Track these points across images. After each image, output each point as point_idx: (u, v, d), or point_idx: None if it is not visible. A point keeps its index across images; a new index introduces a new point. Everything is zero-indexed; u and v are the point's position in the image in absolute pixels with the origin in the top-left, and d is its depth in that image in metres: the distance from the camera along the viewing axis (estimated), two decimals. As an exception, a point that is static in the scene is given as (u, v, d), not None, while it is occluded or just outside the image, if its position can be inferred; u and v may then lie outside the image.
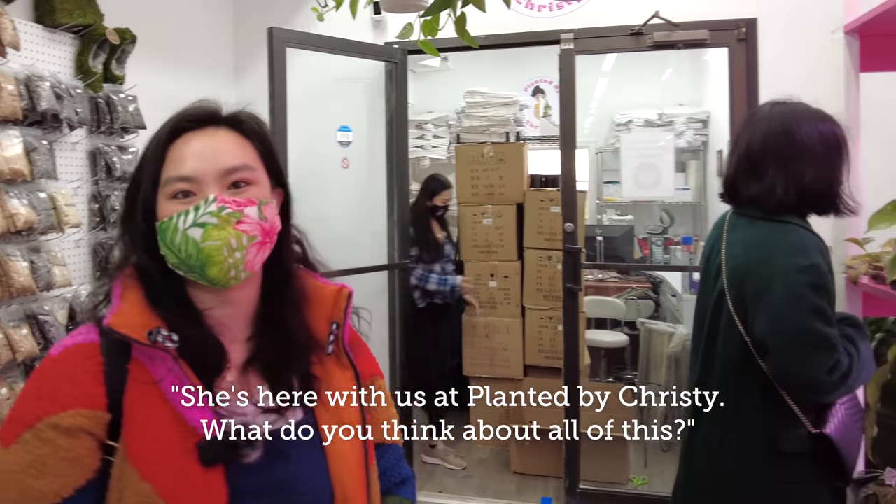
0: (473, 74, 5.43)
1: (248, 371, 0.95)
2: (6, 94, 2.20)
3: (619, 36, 3.44)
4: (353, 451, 0.98)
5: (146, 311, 0.90)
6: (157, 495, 0.82)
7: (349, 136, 3.60)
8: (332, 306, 1.03)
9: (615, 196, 6.19)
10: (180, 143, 0.93)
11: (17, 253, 2.28)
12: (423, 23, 2.10)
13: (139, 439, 0.85)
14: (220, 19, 3.76)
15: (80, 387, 0.85)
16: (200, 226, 0.87)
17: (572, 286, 3.51)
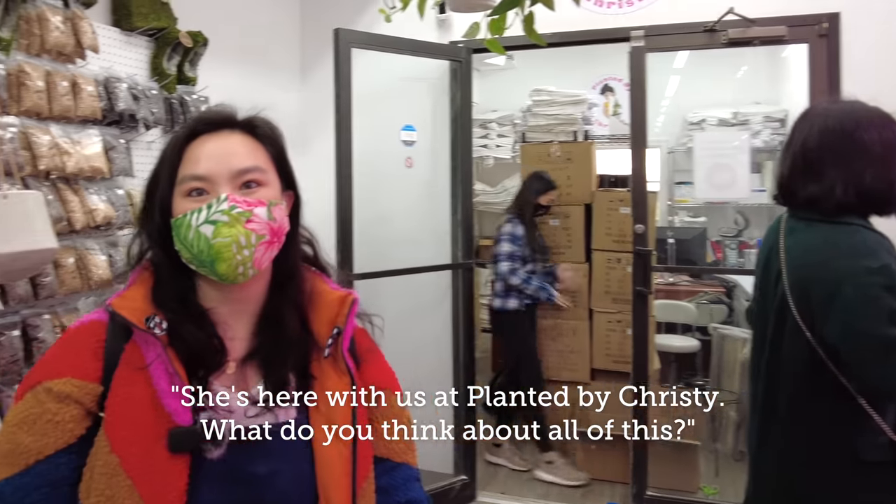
0: (539, 72, 5.35)
1: (246, 366, 0.99)
2: (86, 95, 2.28)
3: (692, 33, 3.33)
4: (340, 456, 0.97)
5: (149, 300, 0.97)
6: (122, 469, 0.87)
7: (413, 136, 3.60)
8: (335, 311, 1.04)
9: (687, 197, 6.02)
10: (196, 144, 0.98)
11: (95, 247, 2.35)
12: (490, 22, 2.07)
13: (116, 414, 0.90)
14: (287, 21, 3.82)
15: (78, 359, 0.93)
16: (212, 223, 0.92)
17: (642, 289, 3.41)
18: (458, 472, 3.69)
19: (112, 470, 0.88)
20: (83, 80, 2.28)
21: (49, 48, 2.17)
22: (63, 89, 2.20)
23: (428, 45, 3.53)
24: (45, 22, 2.14)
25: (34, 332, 2.13)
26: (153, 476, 0.88)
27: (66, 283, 2.22)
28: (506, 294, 4.02)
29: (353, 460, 0.98)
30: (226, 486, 0.91)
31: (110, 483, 0.87)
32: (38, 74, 2.12)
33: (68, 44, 2.22)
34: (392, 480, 1.06)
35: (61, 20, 2.19)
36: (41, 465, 0.89)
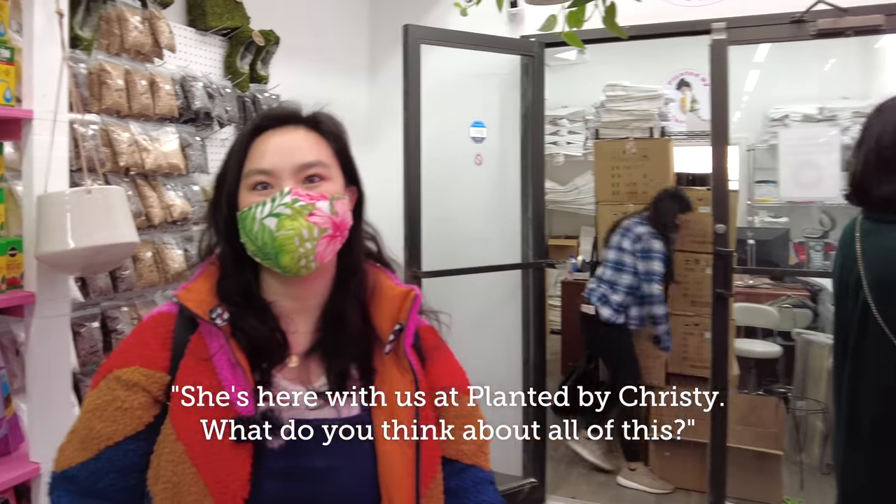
0: (612, 67, 5.22)
1: (308, 360, 0.99)
2: (164, 94, 2.32)
3: (778, 24, 3.15)
4: (403, 455, 0.96)
5: (212, 293, 0.99)
6: (187, 457, 0.89)
7: (483, 132, 3.54)
8: (398, 307, 1.03)
9: (768, 196, 5.77)
10: (261, 139, 1.00)
11: (172, 241, 2.41)
12: (569, 14, 2.00)
13: (183, 403, 0.92)
14: (356, 18, 3.84)
15: (147, 348, 0.97)
16: (275, 216, 0.94)
17: (722, 291, 3.26)
18: (528, 474, 3.62)
19: (178, 458, 0.90)
20: (161, 79, 2.33)
21: (128, 47, 2.22)
22: (142, 88, 2.25)
23: (499, 40, 3.47)
24: (125, 22, 2.19)
25: (113, 323, 2.19)
26: (217, 465, 0.89)
27: (143, 276, 2.28)
28: (620, 309, 3.83)
29: (417, 460, 0.96)
30: (286, 478, 0.92)
31: (176, 470, 0.89)
32: (117, 73, 2.17)
33: (146, 43, 2.26)
34: (461, 483, 1.04)
35: (140, 20, 2.24)
36: (111, 450, 0.92)
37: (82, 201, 1.69)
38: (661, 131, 4.53)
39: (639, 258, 3.74)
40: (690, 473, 3.71)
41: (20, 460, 1.75)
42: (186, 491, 0.89)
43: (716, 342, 3.30)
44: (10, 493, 1.72)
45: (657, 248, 3.71)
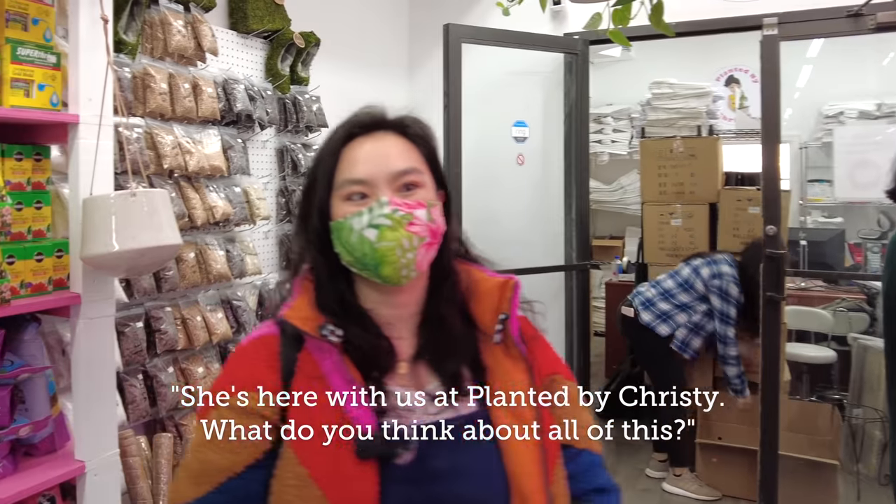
0: (658, 64, 5.11)
1: (417, 365, 0.98)
2: (206, 97, 2.35)
3: (833, 18, 3.04)
4: (528, 446, 0.95)
5: (315, 307, 0.96)
6: (312, 480, 0.87)
7: (525, 132, 3.50)
8: (497, 298, 1.02)
9: (822, 196, 5.59)
10: (352, 147, 0.98)
11: (214, 242, 2.43)
12: (614, 12, 1.96)
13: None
14: (396, 19, 3.84)
15: (255, 372, 0.93)
16: (375, 227, 0.92)
17: (774, 294, 3.15)
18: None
19: (302, 482, 0.87)
20: (203, 82, 2.36)
21: (171, 51, 2.25)
22: (185, 91, 2.28)
23: (542, 38, 3.43)
24: (168, 26, 2.22)
25: (157, 323, 2.22)
26: (344, 485, 0.87)
27: (186, 276, 2.30)
28: (663, 317, 3.66)
29: (542, 449, 0.96)
30: (415, 486, 0.89)
31: (302, 495, 0.87)
32: (161, 77, 2.20)
33: (189, 47, 2.29)
34: (576, 467, 1.05)
35: (182, 24, 2.27)
36: (233, 482, 0.90)
37: (127, 204, 1.71)
38: (710, 129, 4.40)
39: (713, 293, 3.58)
40: (739, 480, 3.60)
41: (66, 458, 1.78)
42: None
43: (767, 347, 3.20)
44: (56, 490, 1.76)
45: (734, 294, 3.55)
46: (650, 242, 4.15)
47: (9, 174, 1.69)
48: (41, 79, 1.70)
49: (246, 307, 2.54)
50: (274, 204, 2.81)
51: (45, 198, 1.77)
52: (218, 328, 2.41)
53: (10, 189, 1.68)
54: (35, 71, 1.69)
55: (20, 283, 1.66)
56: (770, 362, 3.20)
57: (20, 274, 1.66)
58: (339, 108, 1.07)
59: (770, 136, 3.17)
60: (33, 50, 1.69)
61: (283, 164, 2.81)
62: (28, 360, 1.71)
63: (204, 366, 2.39)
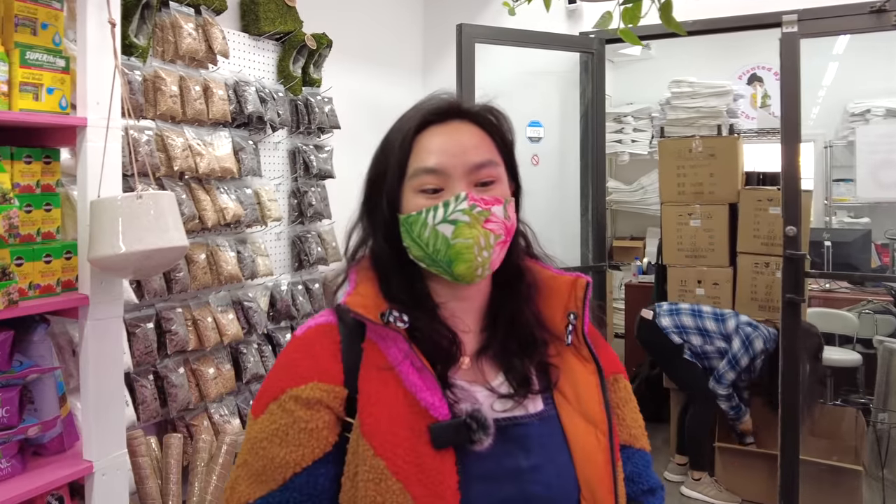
0: (679, 62, 5.05)
1: (481, 360, 0.95)
2: (217, 99, 2.36)
3: (854, 15, 2.97)
4: (598, 446, 0.92)
5: (380, 296, 0.93)
6: (389, 472, 0.83)
7: (539, 132, 3.47)
8: (567, 297, 0.99)
9: (847, 196, 5.48)
10: (426, 136, 0.94)
11: (225, 244, 2.44)
12: (624, 10, 1.93)
13: (373, 416, 0.86)
14: (409, 20, 3.83)
15: (318, 362, 0.89)
16: (451, 223, 0.89)
17: (793, 296, 3.09)
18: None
19: (379, 475, 0.83)
20: (214, 85, 2.37)
21: (182, 54, 2.26)
22: (196, 93, 2.29)
23: (556, 37, 3.40)
24: (179, 29, 2.23)
25: (167, 324, 2.23)
26: (423, 476, 0.83)
27: (197, 278, 2.32)
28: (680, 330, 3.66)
29: (612, 450, 0.93)
30: (493, 481, 0.86)
31: (379, 489, 0.83)
32: (172, 80, 2.22)
33: (200, 50, 2.30)
34: (635, 468, 1.03)
35: (193, 27, 2.28)
36: (299, 477, 0.85)
37: (133, 206, 1.72)
38: (730, 128, 4.33)
39: (738, 337, 3.51)
40: (759, 485, 3.54)
41: (75, 458, 1.80)
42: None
43: (786, 349, 3.14)
44: (65, 489, 1.77)
45: (757, 348, 3.48)
46: (669, 243, 4.09)
47: (18, 177, 1.71)
48: (50, 82, 1.72)
49: (257, 308, 2.55)
50: (286, 205, 2.82)
51: (54, 200, 1.79)
52: (229, 329, 2.42)
53: (20, 191, 1.70)
54: (44, 75, 1.71)
55: (29, 285, 1.68)
56: (789, 365, 3.14)
57: (29, 275, 1.68)
58: (352, 109, 1.06)
59: (790, 134, 3.11)
60: (42, 54, 1.71)
61: (296, 166, 2.82)
62: (37, 361, 1.73)
63: (215, 367, 2.40)
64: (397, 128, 0.96)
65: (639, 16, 1.96)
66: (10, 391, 1.65)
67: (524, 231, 1.04)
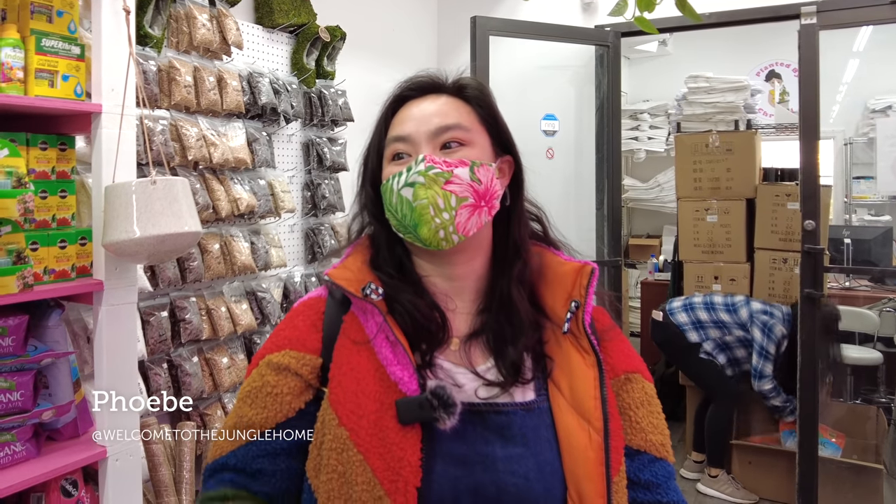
0: (696, 59, 5.01)
1: (471, 343, 0.92)
2: (231, 90, 2.36)
3: (875, 6, 2.93)
4: (590, 444, 0.86)
5: (366, 270, 0.93)
6: (352, 443, 0.82)
7: (554, 125, 3.45)
8: (571, 284, 0.95)
9: (867, 193, 5.41)
10: (402, 109, 0.96)
11: (239, 234, 2.45)
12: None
13: (342, 386, 0.86)
14: (423, 12, 3.82)
15: (297, 332, 0.92)
16: (410, 185, 0.89)
17: (812, 292, 3.05)
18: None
19: (342, 444, 0.83)
20: (228, 76, 2.38)
21: (196, 45, 2.27)
22: (210, 84, 2.30)
23: (572, 30, 3.38)
24: (193, 20, 2.25)
25: (181, 313, 2.24)
26: (385, 449, 0.82)
27: (211, 267, 2.32)
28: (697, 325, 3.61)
29: (607, 450, 0.87)
30: (462, 465, 0.84)
31: (341, 458, 0.83)
32: (186, 70, 2.23)
33: (214, 41, 2.31)
34: (654, 477, 0.95)
35: (208, 18, 2.29)
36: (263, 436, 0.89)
37: (147, 191, 1.72)
38: (748, 124, 4.28)
39: (756, 326, 3.46)
40: (776, 483, 3.50)
41: (88, 443, 1.80)
42: (353, 480, 0.81)
43: (805, 346, 3.10)
44: (79, 474, 1.78)
45: (778, 333, 3.43)
46: (685, 240, 4.06)
47: (33, 163, 1.72)
48: (65, 69, 1.73)
49: (271, 299, 2.56)
50: (299, 197, 2.83)
51: (69, 187, 1.80)
52: (242, 319, 2.42)
53: (35, 177, 1.71)
54: (59, 62, 1.72)
55: (43, 270, 1.70)
56: (808, 362, 3.10)
57: (43, 260, 1.70)
58: (366, 102, 1.06)
59: (809, 128, 3.07)
60: (57, 41, 1.72)
61: (309, 158, 2.82)
62: (52, 346, 1.74)
63: (228, 356, 2.41)
64: (383, 105, 0.99)
65: (654, 2, 1.94)
66: (24, 375, 1.66)
67: (538, 214, 1.02)
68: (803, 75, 3.07)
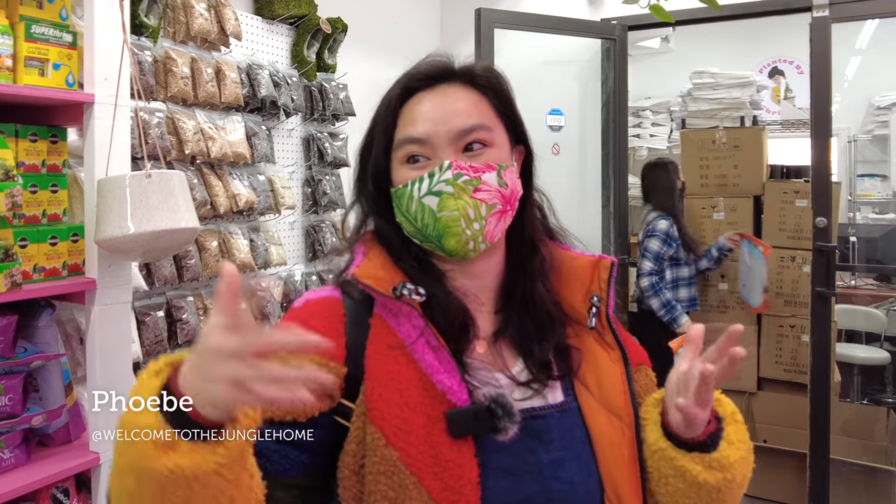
0: (697, 56, 4.93)
1: (498, 343, 0.87)
2: (230, 82, 2.29)
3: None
4: (624, 441, 0.84)
5: (390, 266, 0.86)
6: (403, 464, 0.74)
7: (560, 120, 3.38)
8: (589, 278, 0.92)
9: (872, 191, 5.35)
10: (412, 103, 0.88)
11: (238, 231, 2.37)
12: (655, -15, 1.85)
13: (384, 399, 0.77)
14: (426, 3, 3.74)
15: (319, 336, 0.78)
16: (436, 194, 0.82)
17: (824, 290, 2.98)
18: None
19: (392, 467, 0.74)
20: (227, 67, 2.30)
21: (194, 35, 2.19)
22: (208, 76, 2.22)
23: (578, 23, 3.31)
24: (191, 9, 2.17)
25: (178, 313, 2.16)
26: (440, 468, 0.74)
27: (209, 265, 2.24)
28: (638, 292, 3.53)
29: (639, 445, 0.85)
30: (512, 476, 0.78)
31: (391, 483, 0.74)
32: (183, 61, 2.15)
33: (212, 31, 2.23)
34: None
35: (205, 7, 2.21)
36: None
37: (142, 185, 1.65)
38: (753, 120, 4.22)
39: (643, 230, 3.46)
40: (785, 485, 3.43)
41: (81, 449, 1.73)
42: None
43: (816, 346, 3.03)
44: (71, 482, 1.70)
45: (663, 227, 3.38)
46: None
47: (23, 155, 1.64)
48: (56, 58, 1.66)
49: (270, 298, 2.48)
50: (300, 193, 2.74)
51: (60, 181, 1.73)
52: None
53: (25, 171, 1.63)
54: (50, 49, 1.65)
55: (33, 268, 1.62)
56: (820, 363, 3.03)
57: (33, 258, 1.62)
58: (367, 96, 0.98)
59: (821, 124, 3.01)
60: (48, 28, 1.64)
61: (310, 153, 2.74)
62: (42, 348, 1.66)
63: (227, 358, 2.32)
64: (385, 98, 0.90)
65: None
66: (13, 378, 1.58)
67: (539, 202, 0.97)
68: (815, 69, 3.01)
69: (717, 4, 1.83)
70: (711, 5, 1.82)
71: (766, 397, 3.71)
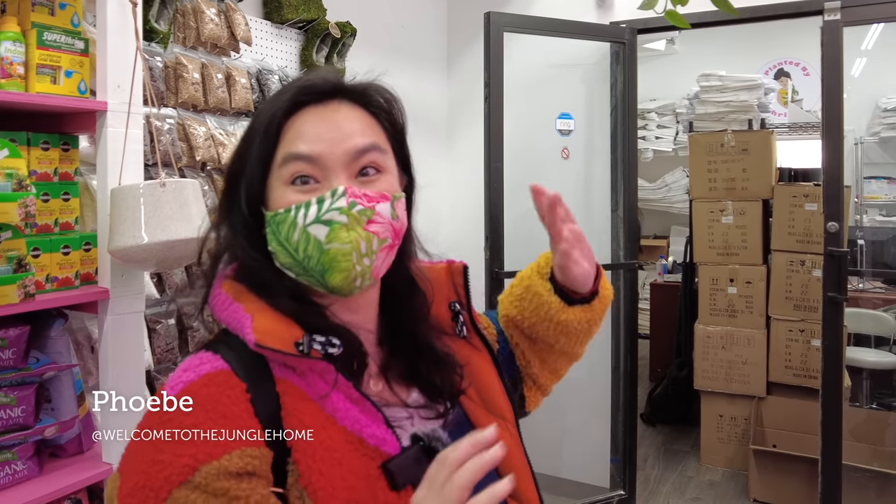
0: (702, 58, 4.94)
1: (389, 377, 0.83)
2: (240, 88, 2.27)
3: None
4: (512, 440, 0.86)
5: (280, 318, 0.75)
6: None
7: (570, 125, 3.36)
8: (446, 287, 0.92)
9: (879, 193, 5.33)
10: (299, 118, 0.79)
11: (248, 240, 2.34)
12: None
13: (321, 474, 0.69)
14: (434, 8, 3.71)
15: (234, 421, 0.68)
16: (325, 223, 0.74)
17: (835, 295, 2.96)
18: (616, 486, 3.42)
19: None
20: (237, 73, 2.28)
21: (204, 40, 2.17)
22: (218, 81, 2.20)
23: (587, 26, 3.29)
24: (201, 14, 2.15)
25: (189, 321, 2.14)
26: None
27: (219, 274, 2.22)
28: None
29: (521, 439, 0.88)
30: None
31: None
32: (193, 67, 2.13)
33: (222, 36, 2.22)
34: None
35: (215, 13, 2.19)
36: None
37: (156, 194, 1.63)
38: (761, 123, 4.20)
39: None
40: (795, 491, 3.41)
41: (93, 460, 1.71)
42: None
43: (828, 351, 3.01)
44: (83, 493, 1.68)
45: None
46: (699, 241, 3.97)
47: (35, 164, 1.63)
48: (68, 65, 1.64)
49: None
50: (309, 200, 2.73)
51: (72, 189, 1.71)
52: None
53: (37, 179, 1.62)
54: (62, 57, 1.63)
55: (46, 277, 1.60)
56: (830, 367, 3.01)
57: (46, 267, 1.60)
58: None
59: (832, 126, 2.99)
60: (60, 35, 1.63)
61: (319, 159, 2.73)
62: (54, 358, 1.64)
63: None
64: (265, 109, 0.81)
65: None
66: (25, 389, 1.56)
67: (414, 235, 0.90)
68: (826, 74, 2.99)
69: (734, 9, 1.81)
70: (728, 10, 1.80)
71: (775, 402, 3.70)
